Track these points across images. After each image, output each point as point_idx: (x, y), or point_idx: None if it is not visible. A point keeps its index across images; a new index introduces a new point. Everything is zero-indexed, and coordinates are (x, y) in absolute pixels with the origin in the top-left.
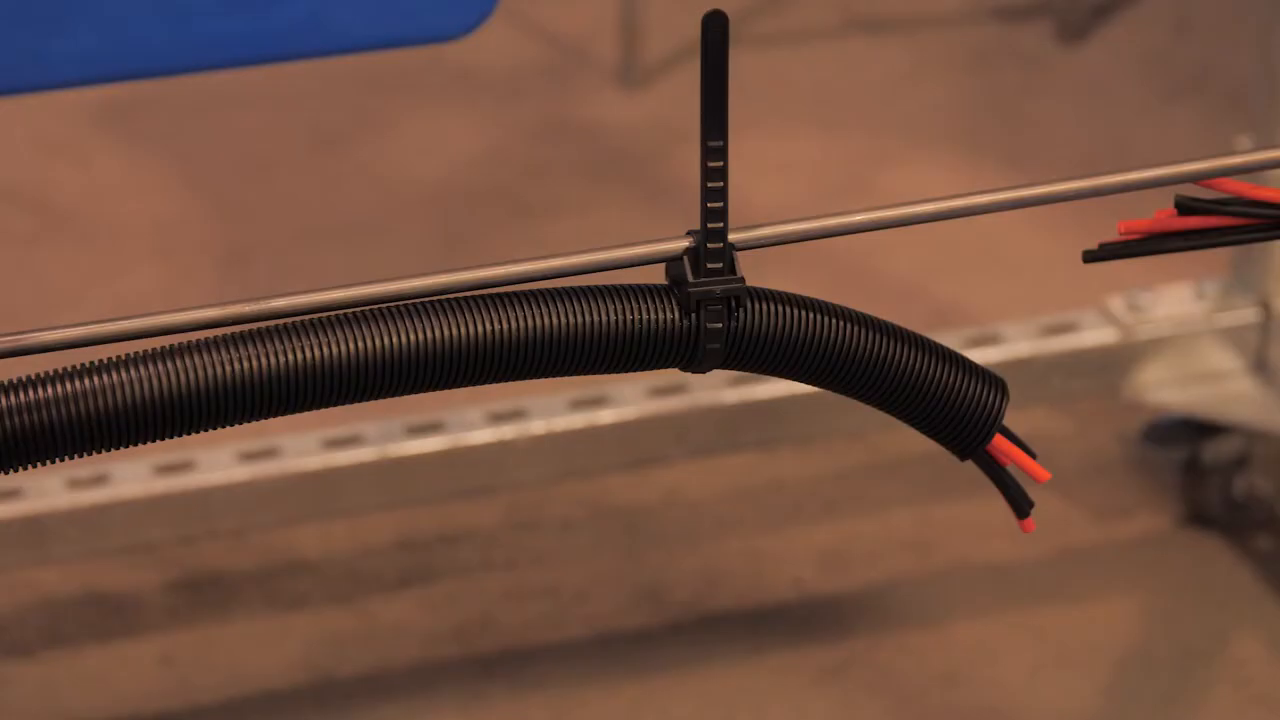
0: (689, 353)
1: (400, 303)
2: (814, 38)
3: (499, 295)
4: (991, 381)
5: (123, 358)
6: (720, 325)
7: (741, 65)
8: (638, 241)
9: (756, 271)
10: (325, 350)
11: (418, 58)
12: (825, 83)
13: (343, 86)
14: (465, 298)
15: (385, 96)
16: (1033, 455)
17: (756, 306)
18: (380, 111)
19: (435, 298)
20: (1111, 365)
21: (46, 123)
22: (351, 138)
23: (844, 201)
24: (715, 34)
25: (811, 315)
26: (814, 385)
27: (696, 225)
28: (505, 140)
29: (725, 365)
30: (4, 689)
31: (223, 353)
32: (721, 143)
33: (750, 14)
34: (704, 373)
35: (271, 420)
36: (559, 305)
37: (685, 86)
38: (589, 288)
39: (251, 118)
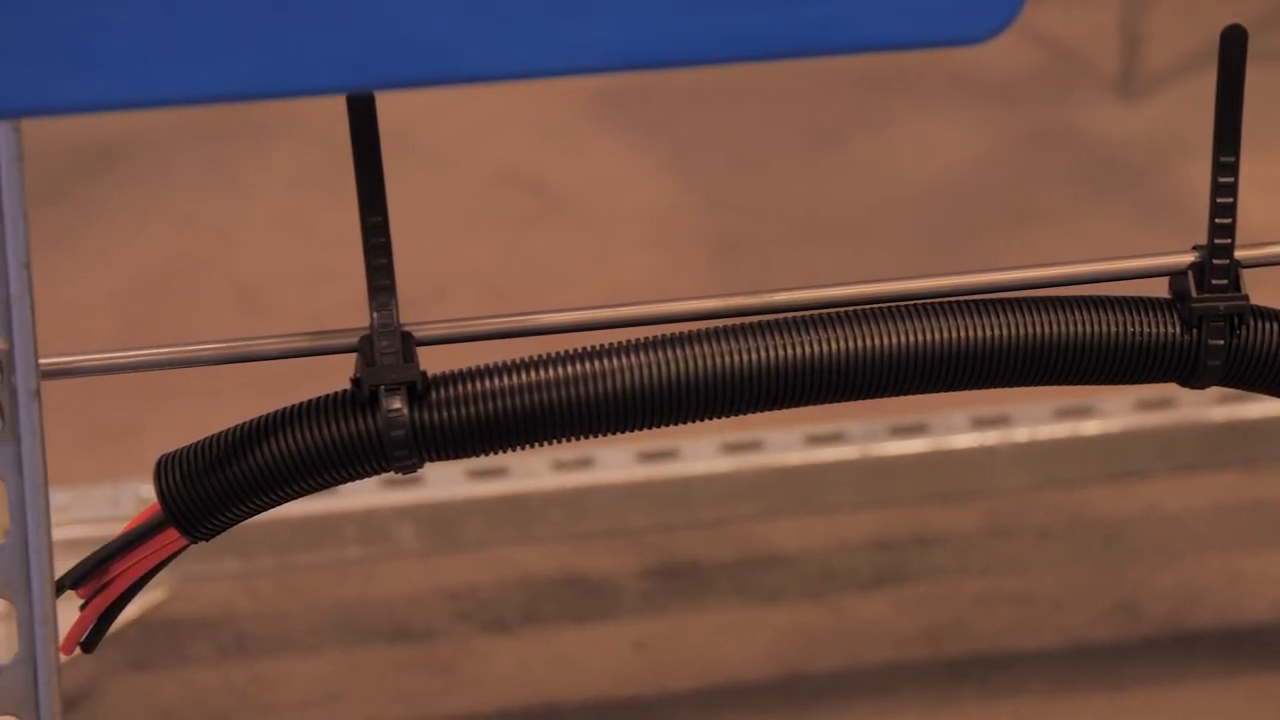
0: (1188, 368)
1: (895, 304)
2: None
3: (999, 300)
4: None
5: (625, 343)
6: (1222, 342)
7: (1246, 78)
8: (1139, 254)
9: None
10: (822, 347)
11: (915, 59)
12: None
13: (836, 84)
14: (962, 301)
15: (880, 96)
16: None
17: (1260, 325)
18: (875, 111)
19: (929, 300)
20: None
21: (546, 108)
22: (846, 135)
23: None
24: (1234, 49)
25: None
26: None
27: (1190, 241)
28: (999, 145)
29: (1223, 382)
30: (482, 663)
31: (724, 343)
32: (1233, 158)
33: (1261, 27)
34: (1200, 389)
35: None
36: (1060, 313)
37: (1185, 100)
38: (1090, 298)
39: (745, 111)
